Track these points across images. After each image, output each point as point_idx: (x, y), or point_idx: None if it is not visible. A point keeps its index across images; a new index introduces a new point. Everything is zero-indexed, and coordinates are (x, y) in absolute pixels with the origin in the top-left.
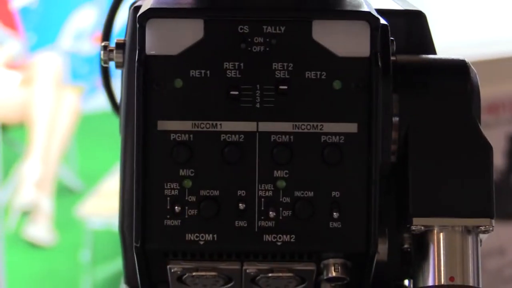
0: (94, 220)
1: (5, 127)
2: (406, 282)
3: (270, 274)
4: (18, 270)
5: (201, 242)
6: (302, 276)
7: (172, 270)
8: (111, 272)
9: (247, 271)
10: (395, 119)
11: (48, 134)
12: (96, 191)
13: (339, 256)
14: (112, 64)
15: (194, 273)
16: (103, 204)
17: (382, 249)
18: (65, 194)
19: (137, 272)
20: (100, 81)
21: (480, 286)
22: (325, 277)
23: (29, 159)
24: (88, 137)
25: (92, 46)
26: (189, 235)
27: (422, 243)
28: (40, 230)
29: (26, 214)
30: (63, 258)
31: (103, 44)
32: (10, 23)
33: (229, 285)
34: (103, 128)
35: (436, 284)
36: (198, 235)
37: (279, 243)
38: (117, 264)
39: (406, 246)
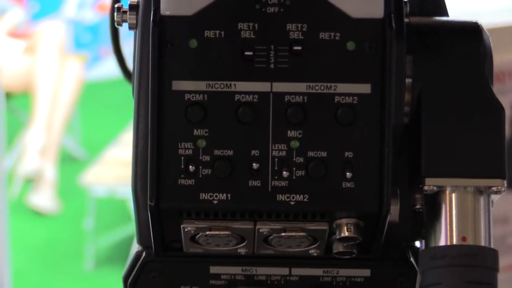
0: (98, 188)
1: (8, 95)
2: (417, 243)
3: (283, 234)
4: (22, 238)
5: (215, 202)
6: (315, 236)
7: (186, 230)
8: (114, 240)
9: (260, 230)
10: (408, 80)
11: (52, 102)
12: (99, 160)
13: (352, 216)
14: (124, 27)
15: (207, 232)
16: (107, 173)
17: (394, 210)
18: (69, 162)
19: (151, 232)
20: (111, 46)
21: (492, 246)
22: (337, 237)
23: (33, 127)
24: (91, 106)
25: (95, 15)
26: (203, 194)
27: (434, 203)
28: (44, 198)
29: (30, 181)
30: (67, 226)
31: (116, 5)
32: None
33: (242, 244)
34: (106, 97)
35: (448, 244)
36: (212, 194)
37: (292, 203)
38: (120, 232)
39: (418, 206)
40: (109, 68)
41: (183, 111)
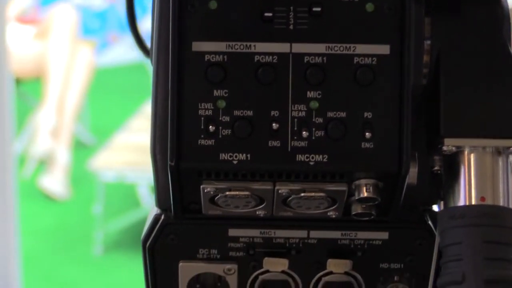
0: (106, 173)
1: (18, 81)
2: (435, 207)
3: (302, 194)
4: (32, 222)
5: (235, 162)
6: (334, 197)
7: (205, 191)
8: (122, 225)
9: (279, 191)
10: (427, 42)
11: (63, 86)
12: (108, 145)
13: (371, 177)
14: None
15: (227, 193)
16: (115, 158)
17: (412, 173)
18: (78, 148)
19: (170, 193)
20: (119, 32)
21: (511, 206)
22: (356, 198)
23: (44, 109)
24: (99, 92)
25: (103, 1)
26: (223, 154)
27: (452, 164)
28: (56, 182)
29: (42, 163)
30: (76, 212)
31: None
32: None
33: (261, 206)
34: (114, 83)
35: (467, 204)
36: (231, 154)
37: (311, 163)
38: (128, 217)
39: (436, 168)
40: (117, 54)
41: (203, 72)
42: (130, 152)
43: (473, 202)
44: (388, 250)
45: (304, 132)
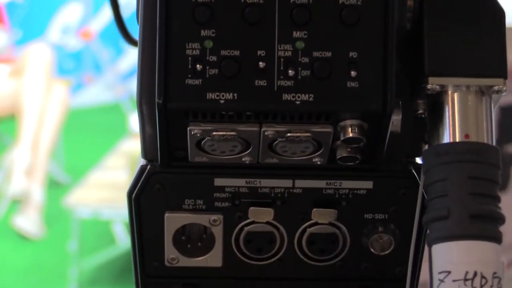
0: (82, 210)
1: None
2: (418, 160)
3: (288, 134)
4: (6, 261)
5: (222, 101)
6: (319, 139)
7: (192, 133)
8: (98, 262)
9: (266, 133)
10: None
11: (38, 124)
12: (83, 182)
13: (356, 117)
14: None
15: (214, 133)
16: (90, 195)
17: (396, 121)
18: (52, 187)
19: (158, 139)
20: (94, 71)
21: (494, 144)
22: (342, 139)
23: (19, 147)
24: (74, 132)
25: (78, 42)
26: (210, 94)
27: (436, 104)
28: (30, 221)
29: (16, 202)
30: (51, 250)
31: None
32: None
33: (247, 152)
34: (89, 123)
35: (451, 141)
36: (218, 94)
37: (298, 102)
38: (103, 254)
39: (420, 112)
40: (92, 95)
41: (190, 12)
42: (105, 189)
43: (457, 140)
44: (372, 200)
45: (290, 71)
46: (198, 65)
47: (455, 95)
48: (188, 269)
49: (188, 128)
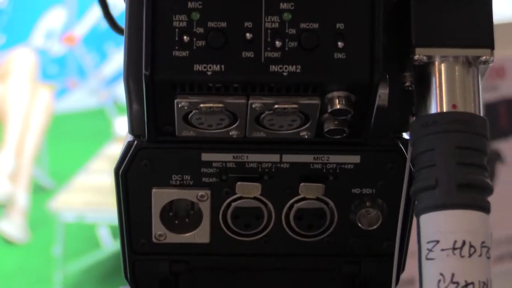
0: (66, 214)
1: None
2: (405, 135)
3: (275, 106)
4: None
5: (209, 73)
6: (306, 112)
7: (179, 105)
8: (82, 266)
9: (253, 105)
10: None
11: (22, 128)
12: (68, 186)
13: (343, 89)
14: None
15: (201, 105)
16: (75, 198)
17: (383, 95)
18: (37, 191)
19: (145, 111)
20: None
21: (482, 115)
22: (329, 110)
23: (3, 152)
24: (58, 137)
25: (61, 47)
26: (197, 65)
27: (423, 75)
28: (14, 226)
29: (1, 207)
30: (36, 255)
31: None
32: None
33: (234, 125)
34: (73, 128)
35: (439, 111)
36: (206, 65)
37: (285, 74)
38: (88, 258)
39: (407, 84)
40: (76, 100)
41: None
42: (90, 193)
43: (445, 110)
44: (359, 175)
45: (277, 43)
46: (185, 37)
47: (442, 65)
48: (175, 245)
49: (175, 101)
